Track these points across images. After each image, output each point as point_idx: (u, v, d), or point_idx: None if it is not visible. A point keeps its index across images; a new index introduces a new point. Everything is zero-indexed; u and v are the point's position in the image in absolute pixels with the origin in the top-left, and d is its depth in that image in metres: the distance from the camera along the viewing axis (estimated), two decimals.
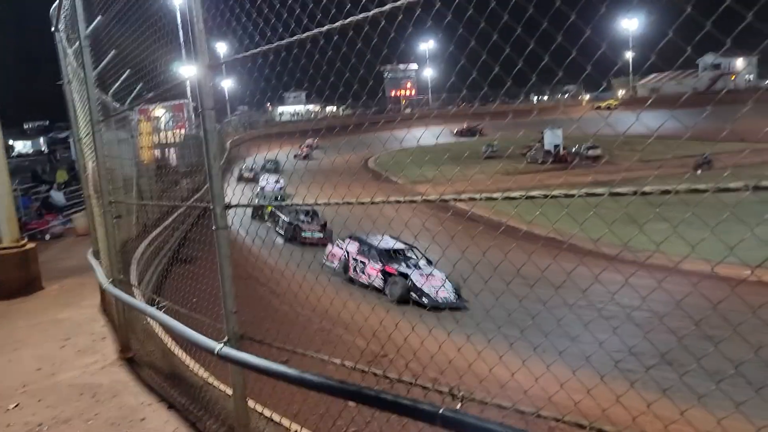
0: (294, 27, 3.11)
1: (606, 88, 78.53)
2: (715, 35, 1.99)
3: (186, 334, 3.77)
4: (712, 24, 1.98)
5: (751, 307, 2.32)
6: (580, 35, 2.34)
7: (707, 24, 1.98)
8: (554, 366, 2.79)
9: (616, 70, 2.16)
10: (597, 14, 2.28)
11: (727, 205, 2.01)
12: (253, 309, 11.04)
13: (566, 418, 2.10)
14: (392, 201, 2.66)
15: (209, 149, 3.38)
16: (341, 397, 2.68)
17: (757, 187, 1.61)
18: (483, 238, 3.61)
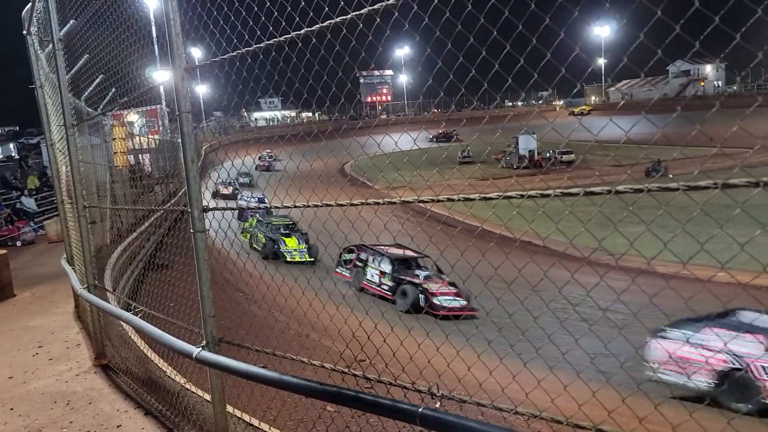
0: (271, 31, 3.12)
1: (579, 94, 79.79)
2: (683, 41, 2.06)
3: (163, 339, 3.74)
4: (681, 30, 2.05)
5: (721, 302, 2.39)
6: (554, 42, 2.39)
7: (676, 28, 2.04)
8: (531, 365, 2.83)
9: (589, 77, 2.23)
10: (570, 19, 2.34)
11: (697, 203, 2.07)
12: (230, 315, 10.95)
13: (543, 415, 2.14)
14: (371, 203, 2.68)
15: (186, 152, 3.37)
16: (321, 398, 2.69)
17: (726, 184, 1.67)
18: (460, 240, 3.64)
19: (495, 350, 3.13)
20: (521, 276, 2.74)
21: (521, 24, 2.44)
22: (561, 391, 2.52)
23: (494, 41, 2.57)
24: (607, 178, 22.19)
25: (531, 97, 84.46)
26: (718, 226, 2.05)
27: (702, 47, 2.08)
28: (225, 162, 27.99)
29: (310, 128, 30.74)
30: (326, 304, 4.28)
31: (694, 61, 71.54)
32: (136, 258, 12.07)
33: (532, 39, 2.42)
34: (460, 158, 42.46)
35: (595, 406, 2.72)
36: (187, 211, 3.46)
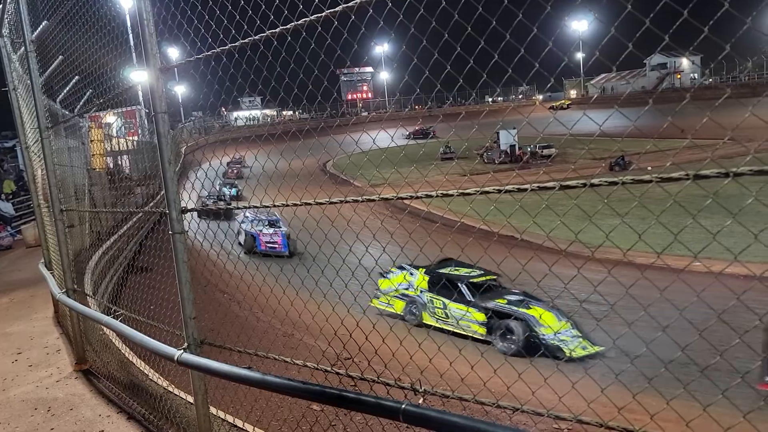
0: (246, 30, 3.10)
1: (558, 89, 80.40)
2: (660, 34, 2.09)
3: (144, 342, 3.70)
4: (655, 25, 2.08)
5: (694, 291, 2.43)
6: (530, 37, 2.41)
7: (646, 22, 2.07)
8: (512, 358, 2.85)
9: (568, 71, 2.25)
10: (543, 14, 2.35)
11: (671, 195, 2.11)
12: (212, 316, 10.88)
13: (525, 407, 2.16)
14: (350, 201, 2.68)
15: (163, 153, 3.34)
16: (304, 397, 2.68)
17: (698, 175, 1.69)
18: (439, 235, 3.66)
19: (476, 345, 3.15)
20: (500, 270, 2.75)
21: (495, 20, 2.45)
22: (542, 383, 2.55)
23: (470, 38, 2.59)
24: (583, 172, 22.41)
25: (511, 92, 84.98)
26: (692, 216, 2.09)
27: (677, 41, 2.11)
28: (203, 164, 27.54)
29: (289, 127, 30.30)
30: (308, 302, 4.27)
31: (671, 55, 72.45)
32: (117, 261, 11.93)
33: (506, 34, 2.43)
34: (441, 154, 42.58)
35: (575, 398, 2.75)
36: (166, 212, 3.43)
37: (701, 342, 2.51)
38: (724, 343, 2.70)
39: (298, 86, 3.53)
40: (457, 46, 2.54)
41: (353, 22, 2.74)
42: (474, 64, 2.67)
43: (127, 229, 13.88)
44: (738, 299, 2.21)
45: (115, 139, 18.10)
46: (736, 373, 2.54)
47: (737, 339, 2.40)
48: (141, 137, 26.42)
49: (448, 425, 2.05)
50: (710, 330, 2.64)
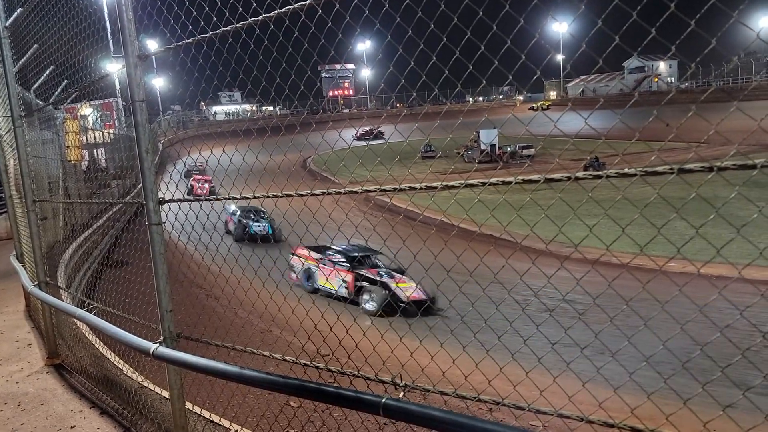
0: (228, 17, 3.04)
1: (539, 89, 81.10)
2: (639, 37, 2.10)
3: (119, 336, 3.62)
4: (633, 29, 2.09)
5: (677, 285, 2.45)
6: (514, 38, 2.41)
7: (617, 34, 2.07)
8: (493, 353, 2.85)
9: (547, 73, 2.25)
10: (525, 11, 2.34)
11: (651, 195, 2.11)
12: (189, 311, 10.76)
13: (505, 402, 2.15)
14: (332, 192, 2.65)
15: (141, 142, 3.27)
16: (283, 392, 2.64)
17: (682, 169, 1.69)
18: (420, 233, 3.63)
19: (458, 339, 3.14)
20: (484, 265, 2.75)
21: (472, 25, 2.44)
22: (523, 376, 2.54)
23: (453, 37, 2.57)
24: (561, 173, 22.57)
25: (492, 92, 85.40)
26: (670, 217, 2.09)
27: (653, 44, 2.12)
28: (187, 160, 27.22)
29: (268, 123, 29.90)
30: (287, 297, 4.23)
31: (648, 58, 73.50)
32: (92, 255, 11.73)
33: (476, 41, 2.43)
34: (423, 153, 42.67)
35: (556, 393, 2.75)
36: (142, 203, 3.36)
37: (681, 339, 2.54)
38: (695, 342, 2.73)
39: (278, 82, 3.48)
40: (453, 42, 2.52)
41: (334, 17, 2.72)
42: (455, 64, 2.66)
43: (102, 223, 13.66)
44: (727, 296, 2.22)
45: (92, 131, 17.78)
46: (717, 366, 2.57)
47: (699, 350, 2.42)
48: (118, 130, 26.03)
49: (428, 419, 2.04)
50: (686, 328, 2.66)
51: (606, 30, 2.08)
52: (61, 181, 11.19)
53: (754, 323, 2.85)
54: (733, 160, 1.72)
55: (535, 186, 2.01)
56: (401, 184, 2.32)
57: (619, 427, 1.89)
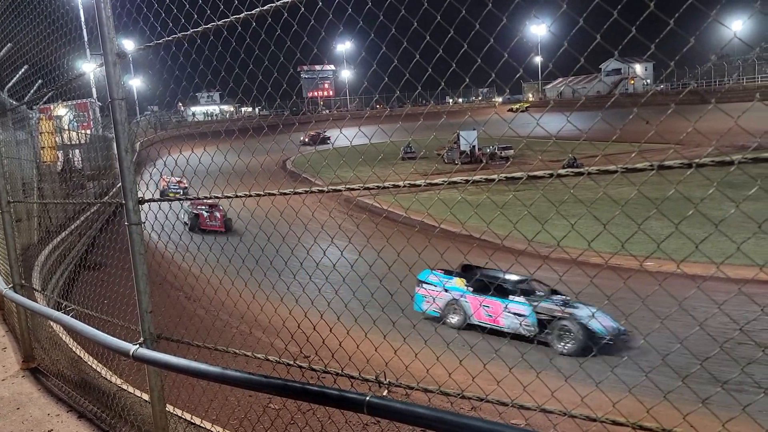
0: (210, 14, 3.02)
1: (517, 91, 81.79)
2: (615, 40, 2.13)
3: (97, 338, 3.57)
4: (611, 32, 2.12)
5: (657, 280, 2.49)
6: (493, 40, 2.43)
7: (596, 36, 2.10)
8: (476, 350, 2.87)
9: (526, 75, 2.27)
10: (507, 12, 2.37)
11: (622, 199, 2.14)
12: (168, 313, 10.62)
13: (489, 398, 2.16)
14: (315, 191, 2.64)
15: (120, 141, 3.22)
16: (266, 392, 2.63)
17: (662, 166, 1.72)
18: (400, 236, 3.64)
19: (442, 337, 3.15)
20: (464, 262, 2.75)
21: (453, 26, 2.46)
22: (506, 373, 2.56)
23: (432, 39, 2.59)
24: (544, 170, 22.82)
25: (471, 94, 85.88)
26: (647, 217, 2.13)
27: (630, 47, 2.15)
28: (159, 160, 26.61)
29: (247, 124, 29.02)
30: (268, 300, 4.20)
31: (625, 61, 74.57)
32: (68, 257, 11.54)
33: (462, 40, 2.45)
34: (403, 154, 42.76)
35: (537, 391, 2.78)
36: (122, 202, 3.32)
37: (660, 336, 2.57)
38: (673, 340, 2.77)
39: (257, 82, 3.46)
40: (433, 43, 2.53)
41: (314, 16, 2.71)
42: (435, 65, 2.67)
43: (79, 224, 13.45)
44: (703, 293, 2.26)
45: (67, 132, 17.51)
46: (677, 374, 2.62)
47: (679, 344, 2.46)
48: (94, 131, 25.63)
49: (413, 416, 2.03)
50: (659, 330, 2.71)
51: (587, 28, 2.11)
52: (36, 182, 10.99)
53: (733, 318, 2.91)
54: (711, 157, 1.75)
55: (517, 184, 2.03)
56: (385, 182, 2.33)
57: (601, 422, 1.92)
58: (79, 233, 13.47)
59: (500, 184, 2.07)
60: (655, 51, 1.92)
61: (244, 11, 2.78)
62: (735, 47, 65.77)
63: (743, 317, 2.64)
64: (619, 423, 1.89)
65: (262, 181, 4.27)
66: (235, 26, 2.90)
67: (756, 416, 2.50)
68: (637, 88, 75.81)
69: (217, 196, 3.21)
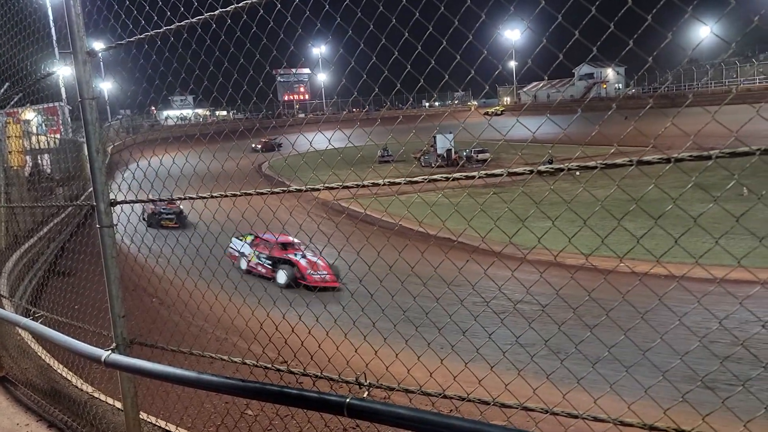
0: (184, 11, 2.96)
1: (492, 95, 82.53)
2: (588, 45, 2.14)
3: (67, 344, 3.46)
4: (583, 37, 2.14)
5: (620, 292, 2.51)
6: (468, 44, 2.43)
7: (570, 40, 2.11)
8: (457, 349, 2.85)
9: (501, 79, 2.29)
10: (479, 21, 2.37)
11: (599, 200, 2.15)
12: (142, 318, 10.44)
13: (470, 397, 2.14)
14: (293, 190, 2.60)
15: (91, 141, 3.15)
16: (244, 396, 2.57)
17: (641, 161, 1.72)
18: (378, 238, 3.61)
19: (423, 337, 3.12)
20: (437, 274, 2.75)
21: (431, 26, 2.45)
22: (488, 372, 2.55)
23: (408, 43, 2.58)
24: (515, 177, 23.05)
25: (447, 97, 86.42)
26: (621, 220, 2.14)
27: (603, 52, 2.17)
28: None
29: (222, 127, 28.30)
30: (245, 302, 4.14)
31: (597, 65, 75.73)
32: (38, 262, 11.27)
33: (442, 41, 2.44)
34: (380, 157, 42.80)
35: (517, 391, 2.77)
36: (93, 205, 3.23)
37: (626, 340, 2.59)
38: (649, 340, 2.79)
39: (232, 85, 3.41)
40: (409, 46, 2.52)
41: (292, 17, 2.68)
42: (411, 68, 2.66)
43: (49, 229, 13.16)
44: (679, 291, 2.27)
45: (35, 136, 17.14)
46: (658, 370, 2.63)
47: (659, 338, 2.48)
48: (64, 135, 25.14)
49: (394, 417, 2.01)
50: (635, 329, 2.73)
51: (566, 26, 2.11)
52: (3, 186, 10.71)
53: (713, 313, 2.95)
54: (689, 152, 1.76)
55: (496, 185, 2.02)
56: (363, 180, 2.30)
57: (583, 418, 1.91)
58: (49, 238, 13.18)
59: (479, 187, 2.06)
60: (633, 47, 1.93)
61: (219, 8, 2.73)
62: (704, 52, 67.30)
63: (719, 316, 2.67)
64: (601, 419, 1.88)
65: (238, 183, 4.22)
66: (209, 25, 2.85)
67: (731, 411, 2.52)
68: (609, 92, 77.04)
69: (191, 197, 3.14)
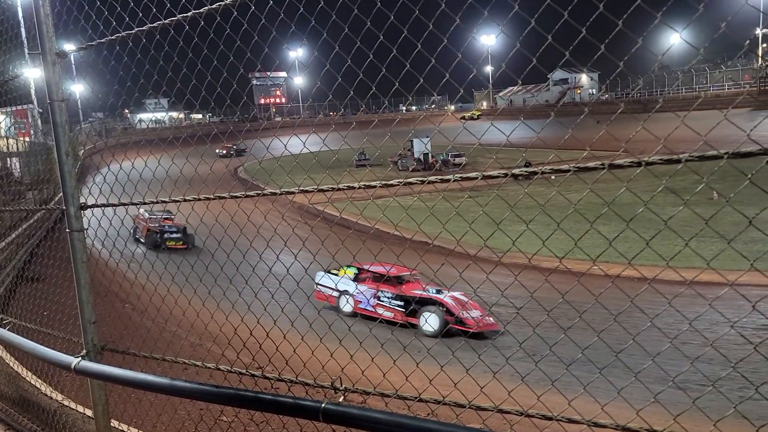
0: (156, 12, 2.92)
1: (469, 99, 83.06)
2: (562, 50, 2.18)
3: (35, 351, 3.39)
4: (558, 42, 2.16)
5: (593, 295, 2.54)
6: (444, 49, 2.45)
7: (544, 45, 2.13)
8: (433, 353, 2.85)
9: (477, 84, 2.31)
10: (453, 25, 2.38)
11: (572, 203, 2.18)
12: (114, 324, 10.25)
13: (446, 400, 2.15)
14: (267, 193, 2.58)
15: (60, 144, 3.09)
16: (218, 402, 2.54)
17: (612, 165, 1.74)
18: (353, 242, 3.60)
19: (399, 340, 3.12)
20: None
21: (406, 29, 2.46)
22: (463, 375, 2.56)
23: (383, 46, 2.58)
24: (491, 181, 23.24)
25: (424, 101, 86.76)
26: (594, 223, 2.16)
27: (576, 58, 2.20)
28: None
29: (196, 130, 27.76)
30: (218, 307, 4.09)
31: (571, 71, 76.79)
32: (6, 268, 11.02)
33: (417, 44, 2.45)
34: (356, 161, 42.79)
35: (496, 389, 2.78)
36: (63, 208, 3.17)
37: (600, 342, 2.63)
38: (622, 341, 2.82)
39: (206, 88, 3.37)
40: (385, 50, 2.52)
41: (267, 19, 2.67)
42: (386, 72, 2.67)
43: (16, 236, 12.88)
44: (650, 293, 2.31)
45: (3, 139, 16.78)
46: (631, 372, 2.67)
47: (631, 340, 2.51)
48: (34, 138, 24.64)
49: (370, 422, 2.00)
50: (608, 331, 2.77)
51: (539, 30, 2.13)
52: None
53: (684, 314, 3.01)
54: (659, 155, 1.79)
55: (471, 188, 2.03)
56: (339, 184, 2.29)
57: (558, 420, 1.92)
58: (18, 243, 12.89)
59: (455, 190, 2.07)
60: (604, 52, 1.95)
61: (192, 10, 2.70)
62: (674, 59, 68.72)
63: (689, 317, 2.72)
64: (575, 420, 1.90)
65: (212, 187, 4.17)
66: (182, 26, 2.82)
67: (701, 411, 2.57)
68: (583, 98, 78.17)
69: (164, 200, 3.10)
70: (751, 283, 11.06)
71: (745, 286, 11.28)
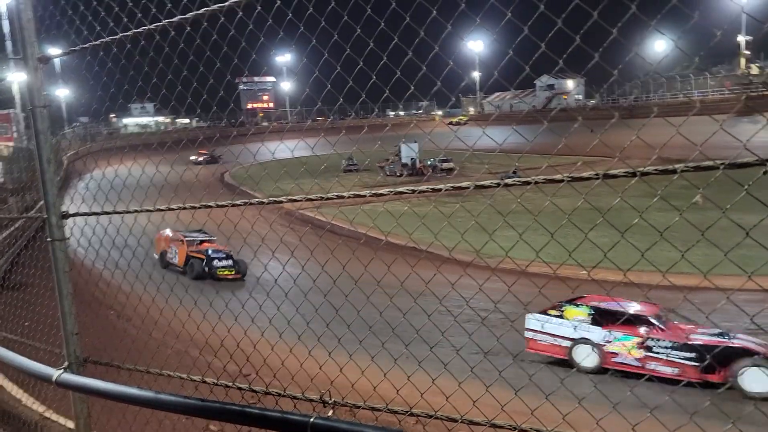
0: (141, 17, 2.87)
1: (456, 105, 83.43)
2: (549, 57, 2.16)
3: (15, 363, 3.29)
4: (547, 47, 2.15)
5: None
6: (433, 55, 2.42)
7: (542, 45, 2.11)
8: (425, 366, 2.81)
9: (464, 89, 2.28)
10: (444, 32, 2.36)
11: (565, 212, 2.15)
12: (98, 333, 10.10)
13: (438, 414, 2.10)
14: (254, 203, 2.53)
15: (42, 151, 3.01)
16: (204, 416, 2.48)
17: (607, 175, 1.71)
18: (343, 250, 3.54)
19: (389, 352, 3.07)
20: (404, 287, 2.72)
21: (396, 35, 2.43)
22: (455, 387, 2.51)
23: (372, 52, 2.55)
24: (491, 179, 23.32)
25: (412, 107, 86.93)
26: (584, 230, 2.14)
27: (564, 64, 2.18)
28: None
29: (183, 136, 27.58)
30: (204, 318, 4.02)
31: (558, 77, 77.39)
32: None
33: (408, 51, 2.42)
34: (345, 167, 42.70)
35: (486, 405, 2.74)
36: (44, 217, 3.09)
37: None
38: None
39: (192, 93, 3.32)
40: (374, 56, 2.48)
41: (254, 24, 2.63)
42: (376, 78, 2.63)
43: None
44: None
45: None
46: None
47: None
48: (17, 143, 24.39)
49: None
50: None
51: (530, 36, 2.11)
52: None
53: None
54: (654, 166, 1.76)
55: (464, 195, 2.00)
56: (328, 193, 2.25)
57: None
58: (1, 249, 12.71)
59: (445, 196, 2.04)
60: (598, 61, 1.93)
61: (178, 15, 2.65)
62: (662, 65, 69.42)
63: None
64: None
65: (198, 194, 4.11)
66: (167, 32, 2.77)
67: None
68: (570, 103, 78.73)
69: (149, 210, 3.03)
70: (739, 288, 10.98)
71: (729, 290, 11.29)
